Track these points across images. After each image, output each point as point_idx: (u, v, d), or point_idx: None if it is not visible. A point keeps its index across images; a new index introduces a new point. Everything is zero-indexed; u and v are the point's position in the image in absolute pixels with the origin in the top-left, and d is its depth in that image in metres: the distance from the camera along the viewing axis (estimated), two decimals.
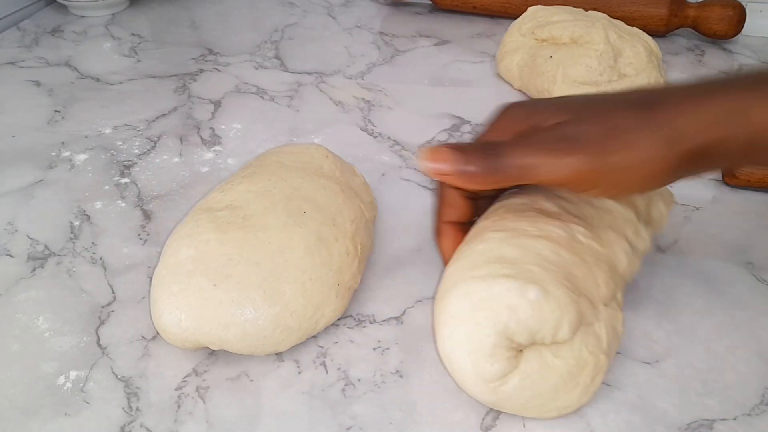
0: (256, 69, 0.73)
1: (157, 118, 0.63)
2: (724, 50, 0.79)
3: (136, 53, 0.76)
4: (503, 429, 0.35)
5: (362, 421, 0.35)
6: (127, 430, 0.34)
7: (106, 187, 0.53)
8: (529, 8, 0.72)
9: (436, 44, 0.80)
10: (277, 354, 0.39)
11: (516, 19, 0.72)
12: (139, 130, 0.61)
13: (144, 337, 0.40)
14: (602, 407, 0.36)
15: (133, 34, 0.81)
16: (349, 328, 0.41)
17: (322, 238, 0.39)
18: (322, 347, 0.39)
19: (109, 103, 0.65)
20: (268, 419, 0.35)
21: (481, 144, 0.36)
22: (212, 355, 0.39)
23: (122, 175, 0.55)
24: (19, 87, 0.68)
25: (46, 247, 0.47)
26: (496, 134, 0.37)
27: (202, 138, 0.60)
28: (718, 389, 0.37)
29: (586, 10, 0.69)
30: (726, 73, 0.36)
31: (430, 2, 0.89)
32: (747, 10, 0.78)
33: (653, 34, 0.74)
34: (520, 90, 0.69)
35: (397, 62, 0.75)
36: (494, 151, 0.35)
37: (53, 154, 0.57)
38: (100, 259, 0.46)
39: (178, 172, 0.55)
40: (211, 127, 0.62)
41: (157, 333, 0.39)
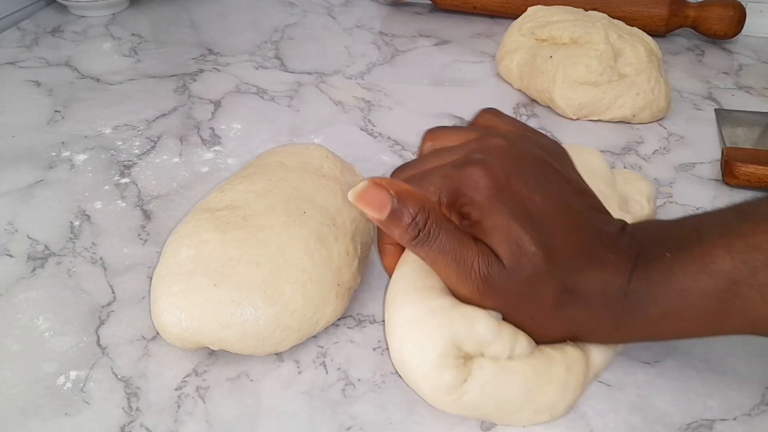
0: (256, 69, 0.73)
1: (157, 118, 0.63)
2: (724, 50, 0.80)
3: (136, 53, 0.76)
4: (503, 429, 0.35)
5: (362, 421, 0.35)
6: (127, 430, 0.34)
7: (106, 187, 0.53)
8: (529, 8, 0.72)
9: (436, 44, 0.80)
10: (277, 354, 0.39)
11: (516, 19, 0.72)
12: (139, 130, 0.61)
13: (144, 337, 0.40)
14: (602, 407, 0.36)
15: (133, 34, 0.81)
16: (349, 328, 0.41)
17: (322, 238, 0.39)
18: (322, 347, 0.39)
19: (109, 103, 0.65)
20: (268, 419, 0.35)
21: (423, 207, 0.33)
22: (212, 355, 0.39)
23: (122, 175, 0.55)
24: (19, 87, 0.68)
25: (46, 247, 0.47)
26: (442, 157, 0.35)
27: (202, 138, 0.60)
28: (718, 389, 0.37)
29: (586, 10, 0.70)
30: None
31: (430, 2, 0.90)
32: (747, 10, 0.78)
33: (653, 34, 0.74)
34: (520, 90, 0.69)
35: (397, 62, 0.75)
36: (424, 226, 0.32)
37: (53, 154, 0.57)
38: (100, 259, 0.46)
39: (178, 172, 0.55)
40: (211, 127, 0.62)
41: (157, 333, 0.39)
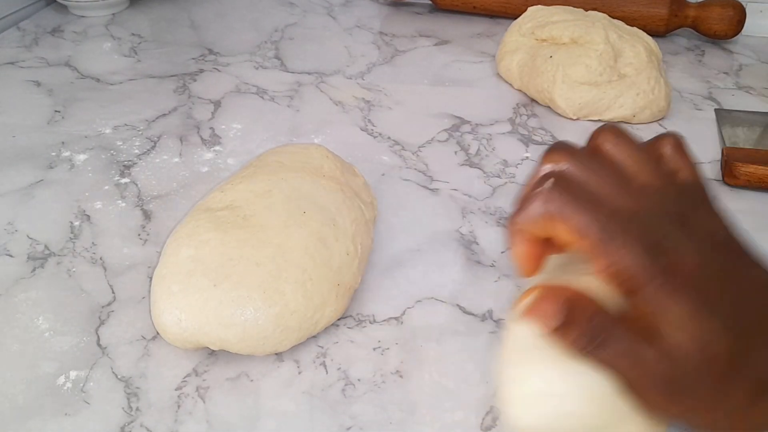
0: (256, 69, 0.73)
1: (157, 118, 0.63)
2: (724, 50, 0.79)
3: (136, 53, 0.76)
4: (503, 429, 0.35)
5: (362, 421, 0.35)
6: (127, 430, 0.34)
7: (106, 187, 0.53)
8: (529, 8, 0.72)
9: (436, 44, 0.80)
10: (277, 354, 0.39)
11: (516, 19, 0.72)
12: (139, 130, 0.61)
13: (144, 337, 0.40)
14: None
15: (133, 34, 0.81)
16: (349, 328, 0.41)
17: (323, 238, 0.39)
18: (322, 347, 0.39)
19: (109, 103, 0.65)
20: (268, 419, 0.35)
21: (596, 318, 0.28)
22: (212, 355, 0.39)
23: (122, 175, 0.55)
24: (19, 87, 0.68)
25: (46, 247, 0.47)
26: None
27: (202, 138, 0.60)
28: None
29: (586, 10, 0.70)
30: None
31: (430, 2, 0.90)
32: (747, 10, 0.78)
33: (653, 34, 0.75)
34: (520, 90, 0.69)
35: (397, 62, 0.75)
36: (600, 333, 0.28)
37: (53, 154, 0.57)
38: (100, 259, 0.46)
39: (178, 172, 0.55)
40: (211, 127, 0.62)
41: (157, 333, 0.39)
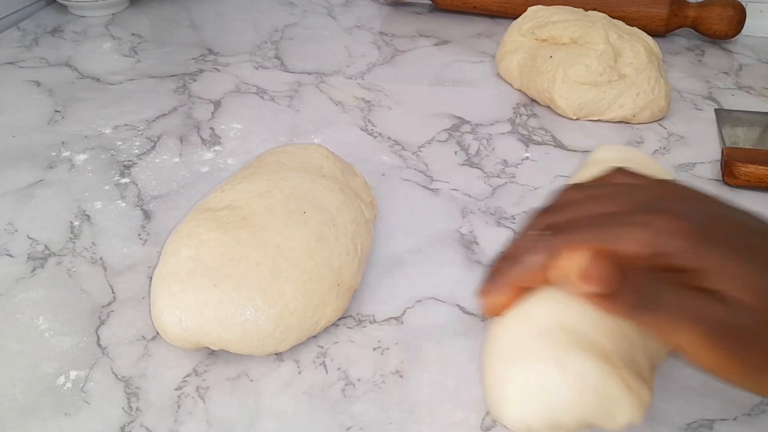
0: (256, 69, 0.73)
1: (157, 118, 0.63)
2: (724, 50, 0.79)
3: (136, 53, 0.76)
4: (503, 429, 0.35)
5: (362, 421, 0.35)
6: (127, 430, 0.34)
7: (106, 187, 0.53)
8: (529, 8, 0.72)
9: (436, 44, 0.80)
10: (277, 354, 0.39)
11: (516, 19, 0.72)
12: (139, 130, 0.61)
13: (144, 337, 0.40)
14: None
15: (133, 34, 0.81)
16: (349, 328, 0.41)
17: (323, 238, 0.39)
18: (322, 347, 0.39)
19: (109, 103, 0.65)
20: (268, 419, 0.35)
21: (643, 272, 0.28)
22: (212, 355, 0.39)
23: (122, 175, 0.55)
24: (19, 87, 0.68)
25: (46, 247, 0.47)
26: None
27: (202, 138, 0.60)
28: (718, 389, 0.37)
29: (586, 10, 0.70)
30: None
31: (430, 2, 0.89)
32: (747, 10, 0.78)
33: (653, 34, 0.74)
34: (520, 90, 0.69)
35: (397, 62, 0.75)
36: (652, 290, 0.28)
37: (53, 154, 0.57)
38: (100, 259, 0.46)
39: (178, 172, 0.55)
40: (211, 127, 0.62)
41: (157, 333, 0.39)
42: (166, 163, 0.56)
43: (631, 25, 0.68)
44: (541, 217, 0.32)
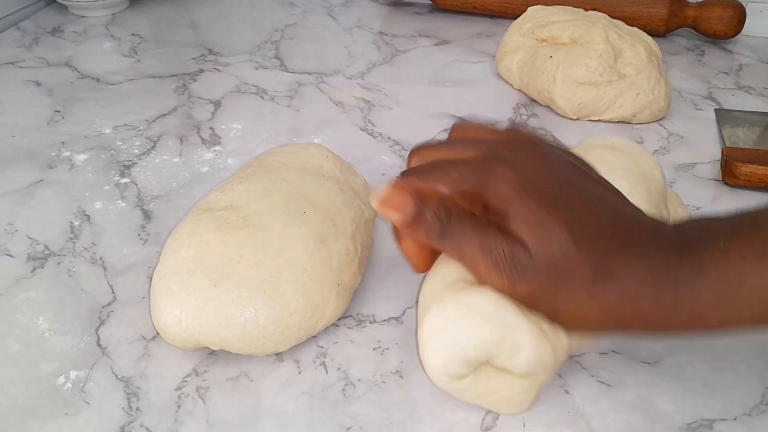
0: (256, 69, 0.73)
1: (157, 118, 0.63)
2: (724, 50, 0.79)
3: (136, 53, 0.76)
4: (503, 429, 0.35)
5: (362, 421, 0.35)
6: (127, 430, 0.34)
7: (106, 187, 0.53)
8: (529, 8, 0.72)
9: (436, 44, 0.80)
10: (277, 354, 0.39)
11: (516, 19, 0.72)
12: (139, 130, 0.61)
13: (144, 337, 0.40)
14: (602, 407, 0.36)
15: (133, 34, 0.81)
16: (349, 328, 0.41)
17: (322, 238, 0.39)
18: (322, 347, 0.39)
19: (109, 103, 0.65)
20: (268, 419, 0.35)
21: (440, 202, 0.33)
22: (212, 355, 0.39)
23: (122, 175, 0.55)
24: (19, 87, 0.68)
25: (46, 247, 0.47)
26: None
27: (202, 138, 0.60)
28: (718, 389, 0.37)
29: (586, 10, 0.69)
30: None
31: (430, 2, 0.90)
32: (747, 10, 0.78)
33: (653, 34, 0.74)
34: (520, 90, 0.69)
35: (397, 62, 0.75)
36: (447, 220, 0.33)
37: (53, 154, 0.57)
38: (100, 259, 0.46)
39: (178, 172, 0.55)
40: (211, 127, 0.62)
41: (157, 333, 0.39)
42: (166, 163, 0.56)
43: (631, 25, 0.68)
44: (422, 151, 0.37)
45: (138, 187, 0.53)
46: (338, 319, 0.41)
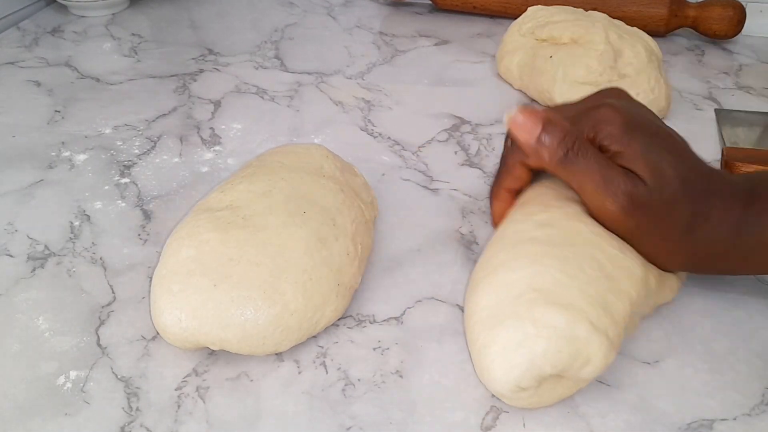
0: (256, 69, 0.73)
1: (157, 118, 0.63)
2: (724, 50, 0.79)
3: (136, 53, 0.76)
4: (503, 429, 0.35)
5: (362, 421, 0.35)
6: (127, 430, 0.34)
7: (106, 187, 0.53)
8: (529, 8, 0.72)
9: (436, 44, 0.80)
10: (277, 354, 0.39)
11: (516, 19, 0.72)
12: (139, 130, 0.61)
13: (144, 337, 0.40)
14: (602, 407, 0.36)
15: (133, 34, 0.81)
16: (349, 328, 0.41)
17: (323, 238, 0.39)
18: (322, 347, 0.39)
19: (109, 103, 0.65)
20: (268, 419, 0.35)
21: (570, 131, 0.37)
22: (212, 355, 0.39)
23: (122, 175, 0.55)
24: (19, 87, 0.68)
25: (46, 247, 0.47)
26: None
27: (202, 138, 0.60)
28: (718, 389, 0.37)
29: (586, 10, 0.69)
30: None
31: (430, 2, 0.89)
32: (747, 10, 0.78)
33: (653, 34, 0.74)
34: (520, 90, 0.69)
35: (397, 62, 0.75)
36: (572, 148, 0.36)
37: (53, 154, 0.57)
38: (100, 259, 0.46)
39: (178, 172, 0.55)
40: (211, 127, 0.62)
41: (157, 333, 0.39)
42: (166, 163, 0.56)
43: (631, 25, 0.68)
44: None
45: (138, 187, 0.53)
46: (338, 319, 0.41)
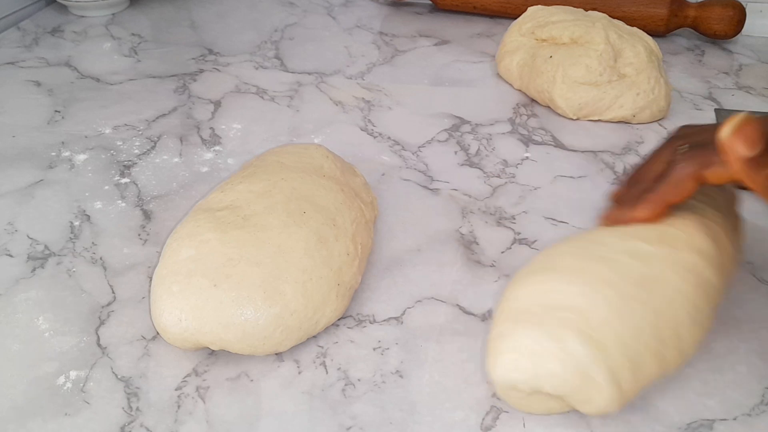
0: (256, 69, 0.73)
1: (157, 118, 0.63)
2: (724, 50, 0.79)
3: (136, 53, 0.76)
4: (503, 429, 0.35)
5: (362, 421, 0.35)
6: (127, 430, 0.34)
7: (106, 187, 0.53)
8: (529, 8, 0.72)
9: (436, 44, 0.80)
10: (277, 354, 0.39)
11: (516, 19, 0.72)
12: (139, 130, 0.61)
13: (144, 337, 0.40)
14: None
15: (133, 34, 0.81)
16: (349, 328, 0.41)
17: (323, 238, 0.39)
18: (322, 347, 0.39)
19: (109, 103, 0.65)
20: (268, 419, 0.35)
21: None
22: (212, 355, 0.39)
23: (122, 175, 0.55)
24: (19, 87, 0.68)
25: (46, 247, 0.47)
26: None
27: (202, 138, 0.60)
28: (718, 389, 0.37)
29: (586, 10, 0.69)
30: None
31: (430, 2, 0.90)
32: (747, 10, 0.78)
33: (653, 34, 0.75)
34: (520, 90, 0.69)
35: (397, 62, 0.75)
36: None
37: (53, 154, 0.57)
38: (100, 259, 0.46)
39: (178, 172, 0.55)
40: (211, 127, 0.62)
41: (157, 333, 0.39)
42: (166, 163, 0.56)
43: (631, 25, 0.68)
44: (665, 148, 0.39)
45: (138, 187, 0.53)
46: (338, 319, 0.41)
